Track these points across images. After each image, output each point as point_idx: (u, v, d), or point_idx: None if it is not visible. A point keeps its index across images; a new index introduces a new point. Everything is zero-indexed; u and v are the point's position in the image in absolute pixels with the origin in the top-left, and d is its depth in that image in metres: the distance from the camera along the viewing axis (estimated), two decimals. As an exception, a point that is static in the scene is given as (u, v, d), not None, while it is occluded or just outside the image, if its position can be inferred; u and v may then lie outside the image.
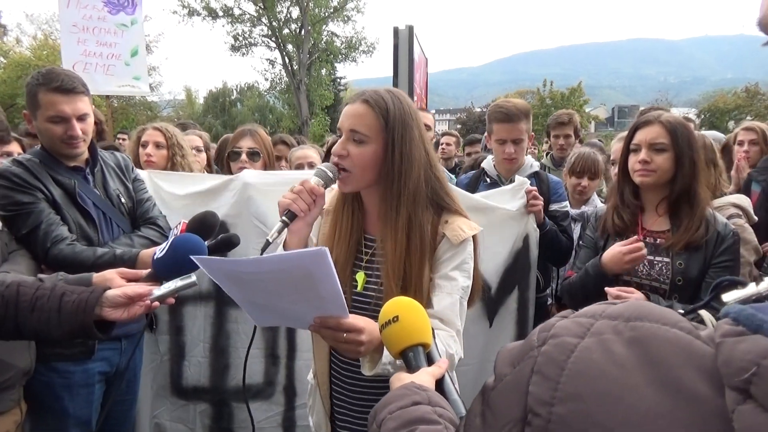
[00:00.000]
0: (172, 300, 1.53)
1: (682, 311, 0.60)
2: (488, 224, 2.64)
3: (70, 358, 2.14)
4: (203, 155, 3.86)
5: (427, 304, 1.52)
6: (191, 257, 1.27)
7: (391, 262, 1.52)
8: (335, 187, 1.61)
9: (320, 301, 1.27)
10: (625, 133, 2.38)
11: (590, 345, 0.56)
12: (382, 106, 1.51)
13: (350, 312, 1.51)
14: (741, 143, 4.18)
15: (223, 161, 3.37)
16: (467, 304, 1.59)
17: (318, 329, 1.33)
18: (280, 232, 1.47)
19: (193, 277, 1.51)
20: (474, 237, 1.60)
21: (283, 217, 1.47)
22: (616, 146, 3.05)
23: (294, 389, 2.69)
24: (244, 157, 2.98)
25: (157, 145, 3.22)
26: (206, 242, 1.76)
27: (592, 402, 0.53)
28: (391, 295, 1.46)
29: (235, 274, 1.32)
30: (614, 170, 2.80)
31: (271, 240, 1.44)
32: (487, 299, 2.66)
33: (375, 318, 1.40)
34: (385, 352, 1.33)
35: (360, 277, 1.62)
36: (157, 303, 1.49)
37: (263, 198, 2.54)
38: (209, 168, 3.89)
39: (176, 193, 2.61)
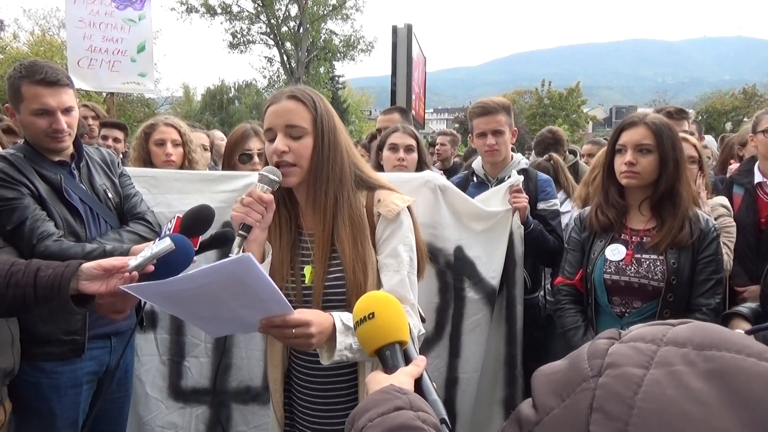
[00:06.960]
0: (151, 267, 1.49)
1: (743, 331, 0.55)
2: (490, 228, 2.63)
3: (59, 357, 2.09)
4: (207, 154, 3.86)
5: (377, 285, 1.57)
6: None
7: (319, 239, 1.57)
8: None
9: (262, 302, 1.28)
10: (599, 138, 2.41)
11: (660, 378, 0.49)
12: (308, 99, 1.59)
13: (303, 305, 1.55)
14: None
15: (231, 163, 3.03)
16: (416, 276, 1.63)
17: (266, 330, 1.34)
18: (240, 246, 1.50)
19: (168, 241, 1.48)
20: (409, 208, 1.64)
21: (241, 231, 1.50)
22: (586, 147, 3.04)
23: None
24: (256, 159, 2.92)
25: (174, 143, 3.10)
26: (200, 238, 1.73)
27: None
28: (322, 270, 1.55)
29: (171, 294, 1.32)
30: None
31: (234, 255, 1.44)
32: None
33: (326, 309, 1.45)
34: (339, 337, 1.35)
35: (308, 270, 1.63)
36: (135, 273, 1.46)
37: None
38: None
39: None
